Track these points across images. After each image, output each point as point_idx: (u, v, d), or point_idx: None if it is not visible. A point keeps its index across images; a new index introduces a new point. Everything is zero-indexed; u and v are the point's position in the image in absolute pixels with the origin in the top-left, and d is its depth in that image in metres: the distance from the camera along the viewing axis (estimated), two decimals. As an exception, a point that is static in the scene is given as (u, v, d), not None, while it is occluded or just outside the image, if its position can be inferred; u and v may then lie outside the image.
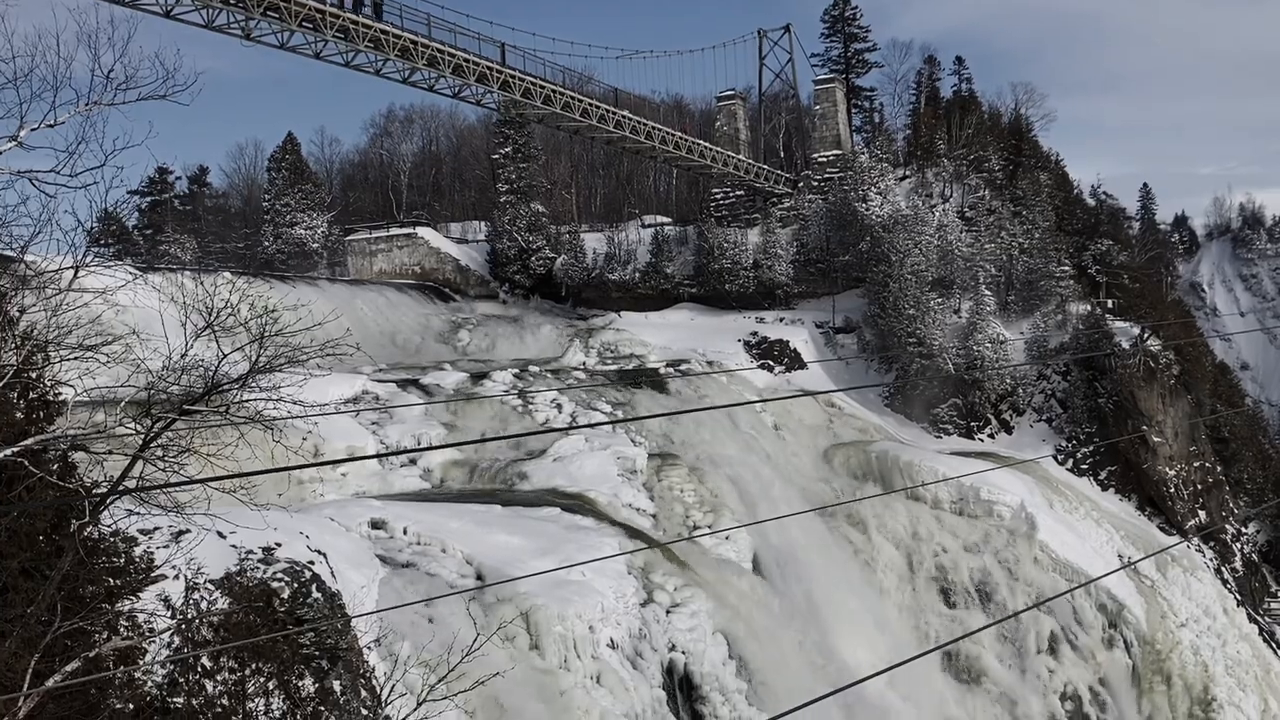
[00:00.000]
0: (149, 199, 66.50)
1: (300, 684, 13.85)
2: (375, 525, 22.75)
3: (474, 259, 56.87)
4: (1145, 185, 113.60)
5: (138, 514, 11.30)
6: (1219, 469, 49.65)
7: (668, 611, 23.93)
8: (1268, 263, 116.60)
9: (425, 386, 36.36)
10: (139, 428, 10.20)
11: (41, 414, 10.87)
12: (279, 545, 16.23)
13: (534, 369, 39.90)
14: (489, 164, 61.59)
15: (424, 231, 57.07)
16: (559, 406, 36.04)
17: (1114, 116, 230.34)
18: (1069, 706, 33.19)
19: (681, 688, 23.14)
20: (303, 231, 60.61)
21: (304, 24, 36.07)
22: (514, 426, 33.86)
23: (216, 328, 10.76)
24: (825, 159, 60.89)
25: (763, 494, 32.96)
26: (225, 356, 10.64)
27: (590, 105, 50.04)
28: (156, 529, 14.01)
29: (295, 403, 11.12)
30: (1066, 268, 51.09)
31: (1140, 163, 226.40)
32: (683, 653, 23.37)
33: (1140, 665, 35.51)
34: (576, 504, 27.67)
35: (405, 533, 22.72)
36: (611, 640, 21.76)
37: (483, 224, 61.06)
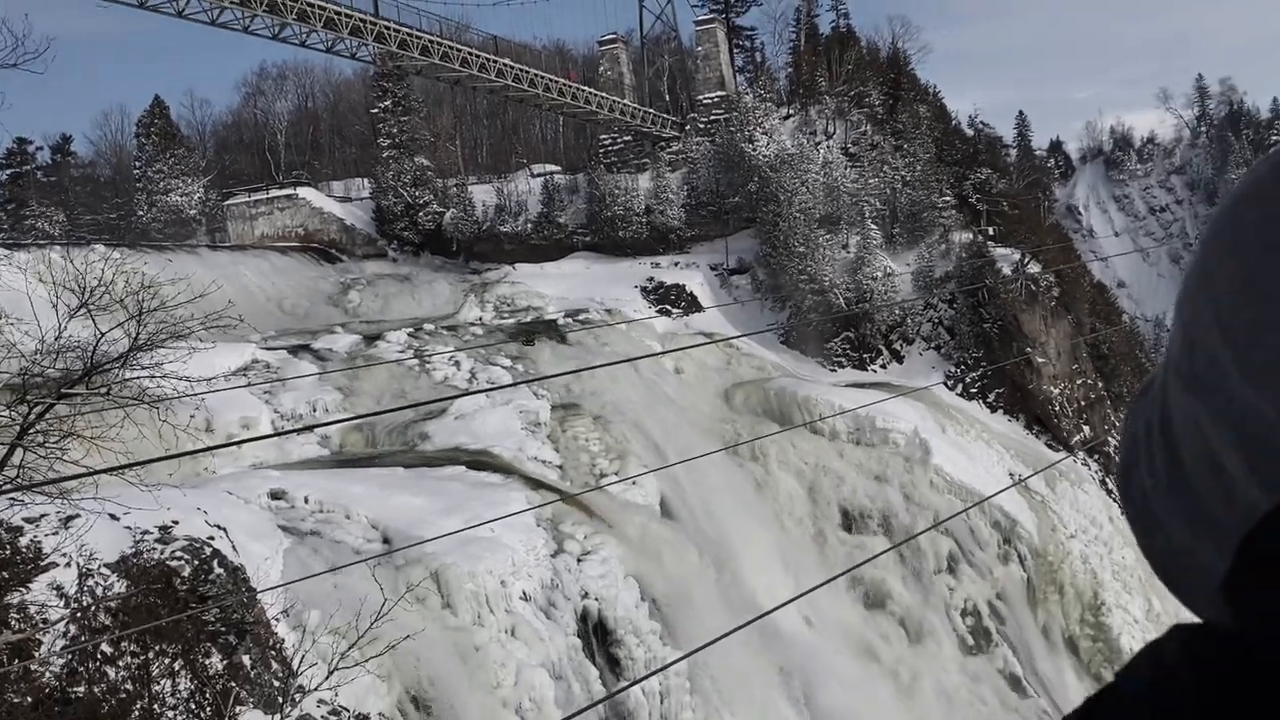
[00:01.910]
0: (8, 171, 63.08)
1: (207, 662, 13.63)
2: (275, 496, 22.37)
3: (359, 218, 55.60)
4: (1021, 113, 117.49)
5: (21, 503, 10.90)
6: (1100, 385, 51.87)
7: (579, 560, 24.14)
8: (1138, 183, 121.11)
9: (317, 351, 35.64)
10: (14, 415, 9.81)
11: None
12: (176, 523, 15.84)
13: (429, 327, 39.38)
14: (369, 119, 60.01)
15: (305, 192, 55.50)
16: (457, 364, 35.71)
17: (990, 43, 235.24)
18: (969, 622, 34.60)
19: (596, 633, 23.45)
20: (178, 198, 58.34)
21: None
22: (410, 386, 33.46)
23: (92, 306, 10.37)
24: (710, 100, 60.92)
25: (667, 437, 33.31)
26: (103, 335, 10.28)
27: (470, 54, 49.12)
28: (44, 516, 13.53)
29: (181, 378, 10.83)
30: (948, 198, 52.33)
31: (1017, 89, 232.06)
32: (595, 599, 23.64)
33: (1034, 577, 37.16)
34: (481, 460, 27.59)
35: (307, 501, 22.40)
36: (524, 593, 21.90)
37: (366, 181, 59.61)
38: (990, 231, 52.13)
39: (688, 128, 60.72)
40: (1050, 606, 37.27)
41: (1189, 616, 0.65)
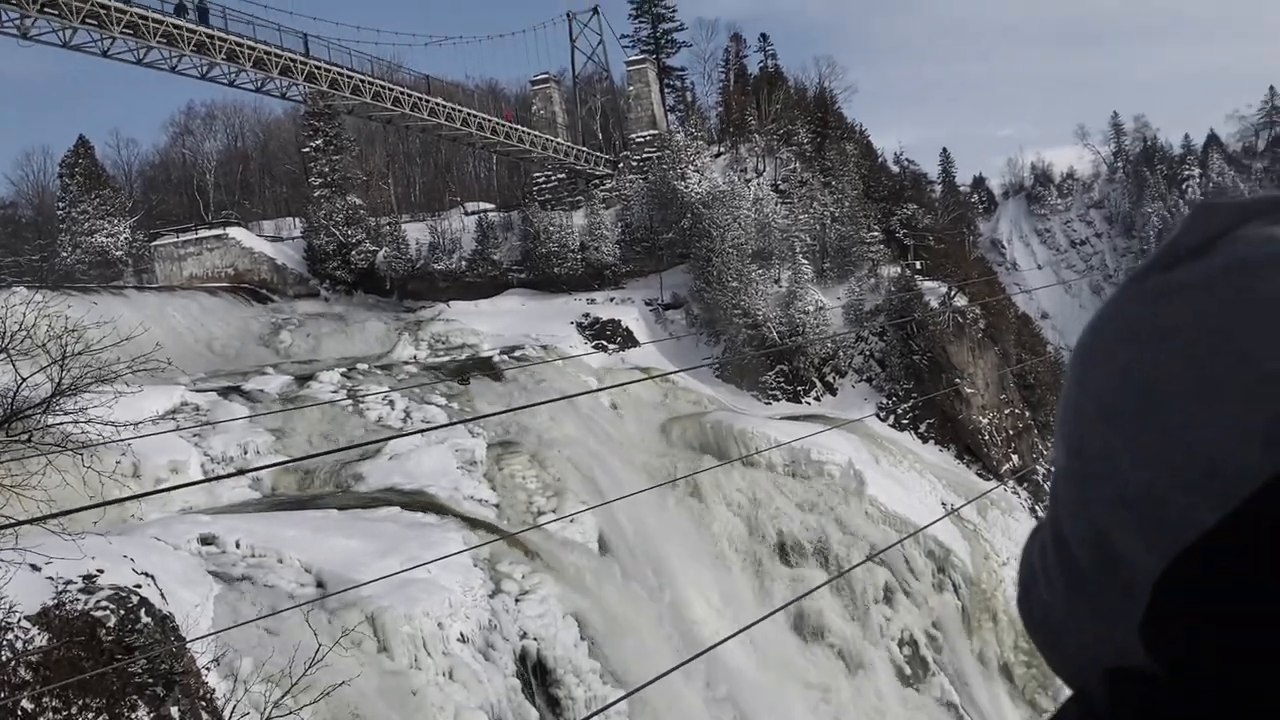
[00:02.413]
0: (-77, 214, 61.49)
1: (134, 715, 13.27)
2: (205, 541, 21.89)
3: (291, 257, 55.01)
4: (945, 150, 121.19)
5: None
6: (1027, 414, 53.00)
7: (517, 600, 23.94)
8: (1059, 217, 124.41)
9: (248, 393, 35.06)
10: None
11: None
12: (100, 572, 15.42)
13: (362, 367, 38.97)
14: (300, 158, 59.56)
15: (235, 232, 54.79)
16: (391, 404, 35.36)
17: (914, 84, 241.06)
18: (906, 651, 34.91)
19: (535, 674, 23.23)
20: (103, 239, 57.20)
21: (88, 21, 34.02)
22: (344, 427, 33.06)
23: (12, 351, 10.16)
24: (642, 139, 61.51)
25: (605, 474, 33.27)
26: (24, 381, 10.06)
27: (402, 93, 49.07)
28: (-40, 569, 13.11)
29: (106, 423, 10.63)
30: (876, 233, 53.39)
31: (941, 127, 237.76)
32: (534, 639, 23.45)
33: (969, 605, 37.66)
34: (417, 501, 27.29)
35: (238, 546, 21.94)
36: (462, 634, 21.66)
37: (298, 220, 59.08)
38: (917, 265, 53.24)
39: (621, 165, 61.21)
40: (985, 634, 37.77)
41: None
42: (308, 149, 55.11)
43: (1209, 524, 0.60)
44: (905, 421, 47.74)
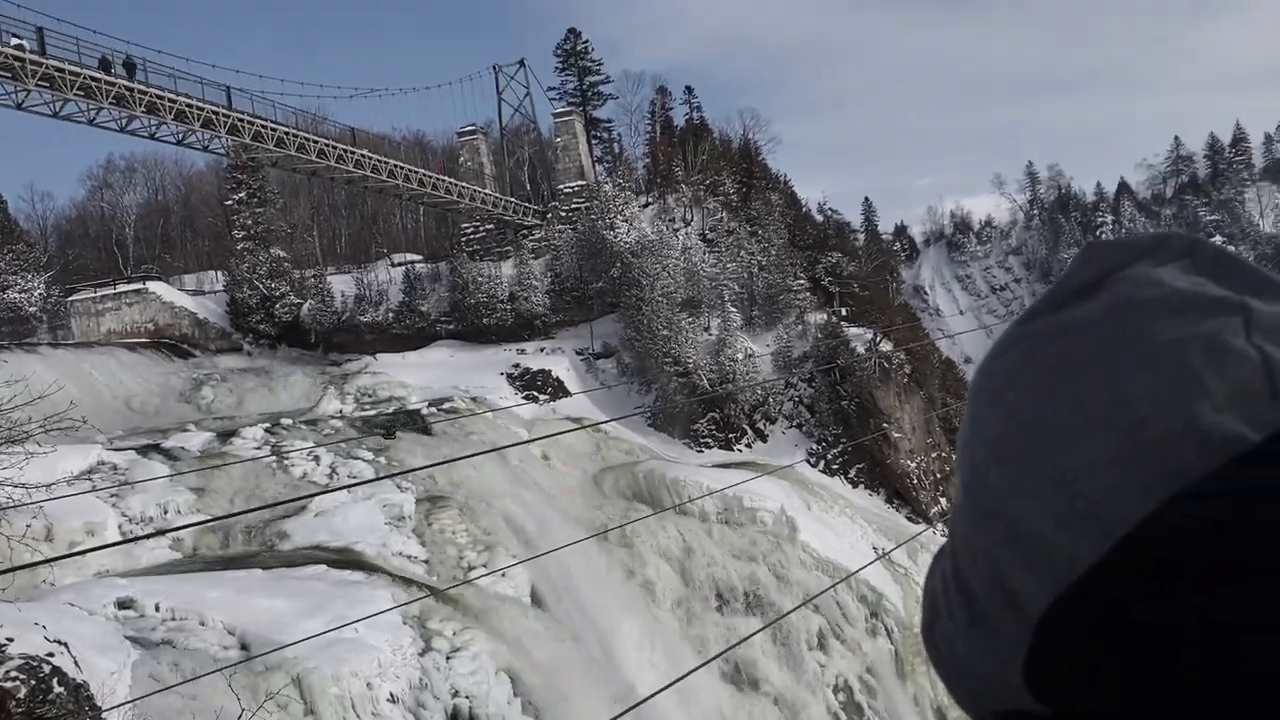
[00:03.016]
0: None
1: (46, 791, 12.69)
2: (123, 605, 21.17)
3: (213, 311, 54.02)
4: (867, 199, 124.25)
5: None
6: (954, 457, 53.61)
7: (448, 657, 23.49)
8: (979, 263, 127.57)
9: (168, 450, 34.16)
10: None
11: None
12: (10, 641, 14.82)
13: (287, 422, 38.25)
14: (223, 211, 58.75)
15: (155, 286, 53.69)
16: (316, 459, 34.70)
17: (836, 135, 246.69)
18: (841, 698, 34.91)
19: (468, 733, 22.75)
20: (16, 295, 55.48)
21: (1, 74, 33.35)
22: (268, 484, 32.33)
23: (-84, 412, 9.78)
24: (571, 189, 61.85)
25: (537, 526, 32.93)
26: (-71, 443, 9.67)
27: (327, 145, 48.80)
28: None
29: (17, 485, 10.26)
30: (802, 281, 54.20)
31: (863, 177, 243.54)
32: (466, 697, 22.98)
33: (902, 649, 37.83)
34: (343, 558, 26.73)
35: (157, 609, 21.26)
36: (391, 694, 21.16)
37: (220, 274, 58.16)
38: (843, 312, 54.05)
39: (549, 216, 61.43)
40: (919, 678, 37.93)
41: None
42: (230, 201, 54.38)
43: (1089, 564, 0.61)
44: (835, 467, 48.17)
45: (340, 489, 23.36)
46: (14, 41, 33.35)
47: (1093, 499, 0.63)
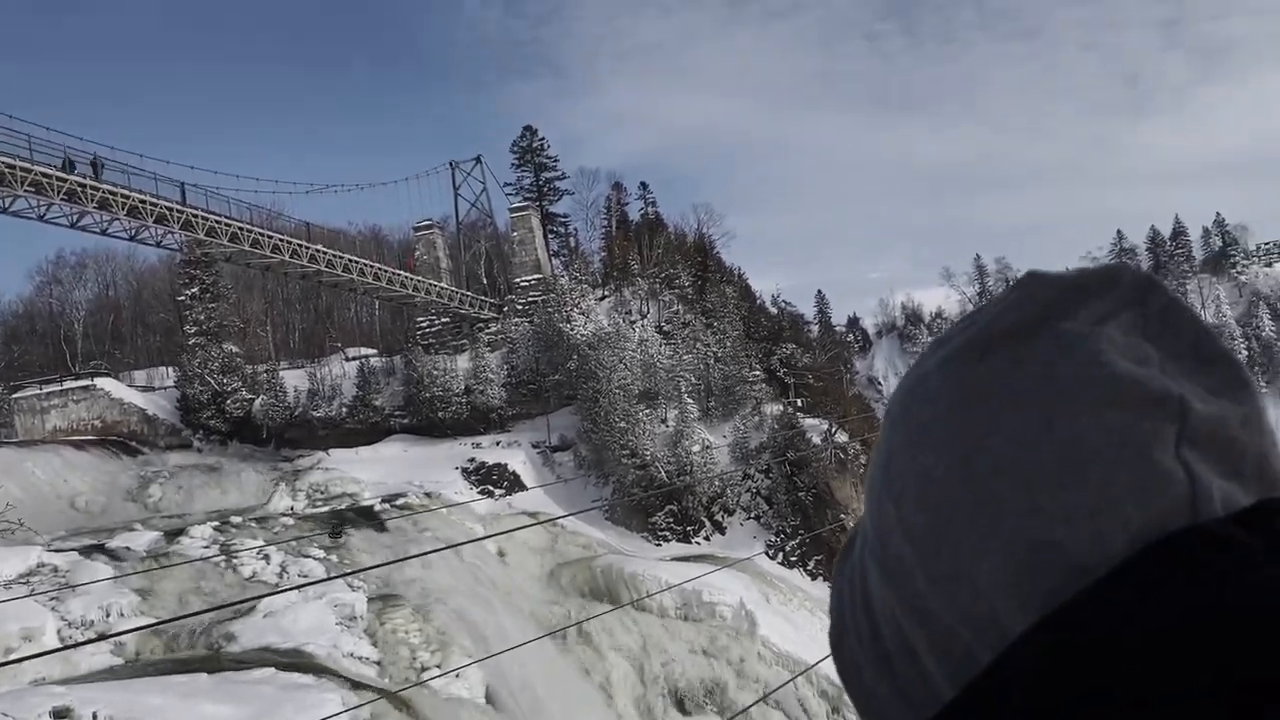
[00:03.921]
0: None
1: None
2: (59, 715, 20.30)
3: (163, 407, 53.17)
4: (820, 292, 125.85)
5: None
6: (911, 547, 53.72)
7: (400, 763, 22.72)
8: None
9: (113, 551, 33.19)
10: None
11: None
12: (-64, 757, 14.12)
13: (236, 520, 37.44)
14: (174, 306, 58.28)
15: (104, 382, 52.86)
16: (266, 558, 33.88)
17: (788, 230, 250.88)
18: (805, 796, 34.14)
19: (420, 844, 21.89)
20: (-42, 392, 54.47)
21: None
22: (216, 583, 31.47)
23: None
24: (527, 283, 62.21)
25: (492, 624, 32.25)
26: None
27: (281, 241, 48.81)
28: None
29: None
30: (758, 372, 54.54)
31: (816, 270, 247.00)
32: (419, 805, 22.18)
33: (864, 745, 37.17)
34: (293, 660, 25.95)
35: (96, 718, 20.41)
36: (340, 805, 20.33)
37: (171, 369, 57.44)
38: (799, 403, 54.37)
39: (506, 309, 61.60)
40: (883, 774, 37.24)
41: None
42: (183, 297, 54.01)
43: (984, 669, 0.56)
44: (794, 559, 47.85)
45: (291, 589, 22.81)
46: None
47: (992, 605, 0.58)
